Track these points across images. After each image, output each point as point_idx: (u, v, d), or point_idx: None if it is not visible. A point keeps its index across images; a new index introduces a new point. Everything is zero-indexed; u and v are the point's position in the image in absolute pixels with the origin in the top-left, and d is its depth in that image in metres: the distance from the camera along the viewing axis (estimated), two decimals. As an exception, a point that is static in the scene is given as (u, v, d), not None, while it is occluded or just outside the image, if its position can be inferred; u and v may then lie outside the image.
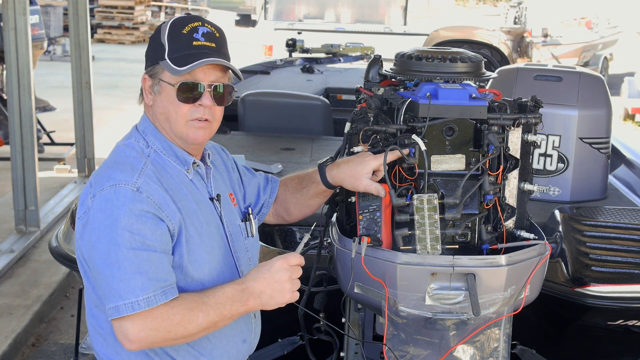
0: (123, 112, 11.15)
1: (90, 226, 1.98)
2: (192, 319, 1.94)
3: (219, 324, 2.01)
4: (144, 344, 1.96)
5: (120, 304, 1.91)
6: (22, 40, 5.91)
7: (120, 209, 1.95)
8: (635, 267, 3.07)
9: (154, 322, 1.92)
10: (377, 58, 2.55)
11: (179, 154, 2.13)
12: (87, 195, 2.03)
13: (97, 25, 20.41)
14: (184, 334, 1.96)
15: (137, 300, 1.91)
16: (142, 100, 2.18)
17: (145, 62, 2.14)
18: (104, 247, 1.94)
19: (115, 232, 1.93)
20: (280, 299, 2.03)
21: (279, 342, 3.03)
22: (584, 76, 3.76)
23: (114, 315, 1.93)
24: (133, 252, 1.93)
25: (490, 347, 2.26)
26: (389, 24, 11.09)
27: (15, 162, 6.07)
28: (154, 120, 2.15)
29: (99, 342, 2.13)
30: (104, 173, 2.04)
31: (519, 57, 16.04)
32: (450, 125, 2.24)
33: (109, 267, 1.93)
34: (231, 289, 2.01)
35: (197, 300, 1.97)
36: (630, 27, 18.28)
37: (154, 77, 2.11)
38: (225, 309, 1.98)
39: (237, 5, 27.70)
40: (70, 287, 5.58)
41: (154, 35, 2.14)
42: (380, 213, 2.21)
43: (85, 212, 2.01)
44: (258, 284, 2.01)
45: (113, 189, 1.97)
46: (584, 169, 3.67)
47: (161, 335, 1.94)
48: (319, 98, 5.34)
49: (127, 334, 1.93)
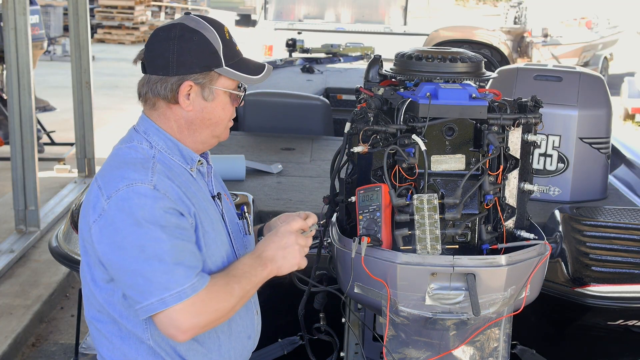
0: (123, 112, 11.15)
1: (111, 228, 1.95)
2: (230, 291, 1.98)
3: (251, 292, 2.06)
4: (196, 330, 1.96)
5: (166, 295, 1.90)
6: (22, 40, 5.91)
7: (143, 206, 1.93)
8: (635, 267, 3.07)
9: (201, 305, 1.93)
10: (377, 58, 2.55)
11: (184, 152, 2.13)
12: (98, 199, 1.98)
13: (97, 25, 20.41)
14: (227, 309, 1.99)
15: (184, 289, 1.91)
16: (149, 103, 2.13)
17: (183, 68, 2.05)
18: (135, 244, 1.92)
19: (144, 228, 1.92)
20: (293, 260, 2.10)
21: (279, 342, 3.03)
22: (584, 76, 3.76)
23: (159, 309, 1.91)
24: (169, 244, 1.93)
25: (490, 347, 2.26)
26: (389, 24, 11.08)
27: (15, 162, 6.07)
28: (174, 123, 2.11)
29: (104, 346, 2.12)
30: (113, 174, 2.01)
31: (519, 57, 16.04)
32: (450, 125, 2.24)
33: (147, 262, 1.91)
34: (248, 259, 2.07)
35: (226, 276, 2.01)
36: (630, 27, 18.27)
37: (203, 85, 2.08)
38: (251, 276, 2.03)
39: (237, 5, 27.70)
40: (70, 287, 5.58)
41: (194, 41, 2.05)
42: (380, 213, 2.21)
43: (100, 215, 1.96)
44: (269, 250, 2.08)
45: (130, 188, 1.95)
46: (584, 169, 3.67)
47: (210, 316, 1.96)
48: (319, 98, 5.34)
49: (179, 324, 1.92)
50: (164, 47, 2.07)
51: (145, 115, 2.15)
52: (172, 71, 2.05)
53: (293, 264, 2.10)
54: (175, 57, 2.05)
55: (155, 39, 2.10)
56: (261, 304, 2.39)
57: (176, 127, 2.11)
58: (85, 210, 2.04)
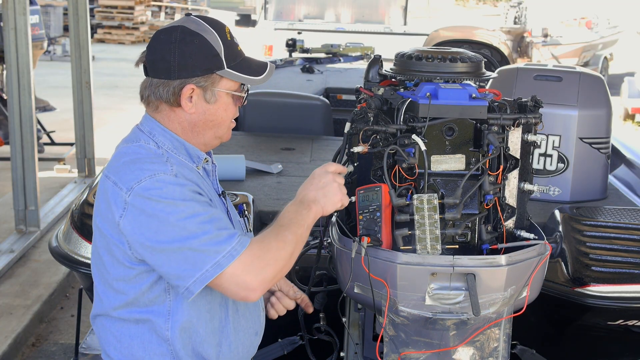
0: (123, 112, 11.15)
1: (142, 217, 1.96)
2: (283, 240, 2.02)
3: (304, 235, 2.08)
4: (265, 284, 1.99)
5: (219, 258, 1.94)
6: (22, 40, 5.91)
7: (172, 191, 1.96)
8: (635, 267, 3.07)
9: (259, 260, 1.97)
10: (377, 58, 2.55)
11: (191, 151, 2.14)
12: (117, 194, 1.99)
13: (97, 25, 20.41)
14: (285, 257, 2.01)
15: (233, 247, 1.95)
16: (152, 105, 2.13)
17: (185, 71, 2.06)
18: (174, 223, 1.94)
19: (179, 206, 1.95)
20: (334, 198, 2.13)
21: (279, 342, 3.03)
22: (584, 76, 3.76)
23: (215, 273, 1.94)
24: (207, 214, 1.97)
25: (490, 347, 2.26)
26: (389, 24, 11.08)
27: (15, 162, 6.07)
28: (177, 125, 2.12)
29: (112, 345, 2.14)
30: (129, 168, 2.01)
31: (519, 57, 16.04)
32: (450, 125, 2.24)
33: (192, 235, 1.94)
34: (291, 206, 2.11)
35: (275, 228, 2.05)
36: (630, 27, 18.27)
37: (205, 88, 2.09)
38: (299, 220, 2.07)
39: (237, 5, 27.70)
40: (70, 287, 5.58)
41: (195, 44, 2.06)
42: (380, 213, 2.21)
43: (125, 209, 1.98)
44: (309, 192, 2.13)
45: (153, 178, 1.97)
46: (584, 169, 3.67)
47: (272, 268, 1.98)
48: (319, 98, 5.34)
49: (247, 284, 1.96)
50: (165, 51, 2.08)
51: (149, 116, 2.16)
52: (174, 75, 2.07)
53: (335, 201, 2.13)
54: (177, 60, 2.06)
55: (157, 42, 2.11)
56: (261, 304, 2.40)
57: (180, 128, 2.13)
58: (102, 210, 2.05)
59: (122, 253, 2.03)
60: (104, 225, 2.05)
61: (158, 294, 2.06)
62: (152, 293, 2.06)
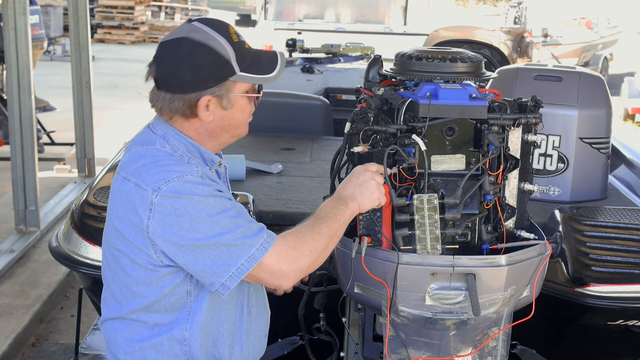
0: (123, 112, 11.14)
1: (172, 216, 1.97)
2: (318, 232, 2.05)
3: (339, 230, 2.11)
4: (298, 273, 2.04)
5: (253, 251, 1.98)
6: (22, 40, 5.91)
7: (201, 190, 1.99)
8: (635, 267, 3.07)
9: (294, 249, 2.02)
10: (377, 58, 2.55)
11: (205, 155, 2.15)
12: (142, 195, 1.99)
13: (97, 25, 20.40)
14: (320, 248, 2.05)
15: (265, 239, 2.00)
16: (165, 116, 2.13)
17: (199, 84, 2.06)
18: (206, 220, 1.96)
19: (208, 204, 1.98)
20: (372, 196, 2.14)
21: (279, 342, 3.03)
22: (584, 76, 3.75)
23: (251, 265, 1.97)
24: (236, 210, 2.03)
25: (488, 346, 2.26)
26: (389, 24, 11.07)
27: (15, 162, 6.07)
28: (192, 132, 2.13)
29: (121, 349, 2.14)
30: (153, 170, 2.01)
31: (519, 57, 16.05)
32: (450, 125, 2.24)
33: (224, 230, 1.97)
34: (329, 202, 2.14)
35: (311, 221, 2.09)
36: (630, 27, 18.28)
37: (221, 96, 2.10)
38: (335, 215, 2.10)
39: (237, 5, 27.71)
40: (70, 287, 5.58)
41: (204, 56, 2.05)
42: (380, 213, 2.21)
43: (151, 210, 1.98)
44: (347, 189, 2.16)
45: (181, 179, 1.99)
46: (584, 169, 3.67)
47: (306, 259, 2.03)
48: (319, 98, 5.34)
49: (281, 272, 2.01)
50: (175, 67, 2.07)
51: (163, 121, 2.15)
52: (188, 89, 2.07)
53: (373, 199, 2.15)
54: (189, 75, 2.06)
55: (164, 57, 2.09)
56: (261, 303, 2.40)
57: (195, 134, 2.14)
58: (122, 213, 2.04)
59: (146, 256, 2.03)
60: (124, 228, 2.04)
61: (180, 296, 2.08)
62: (174, 296, 2.08)
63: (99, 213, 3.38)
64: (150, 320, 2.10)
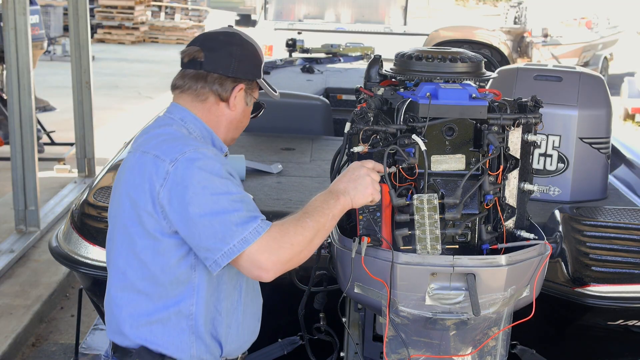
0: (123, 112, 11.14)
1: (182, 186, 2.05)
2: (302, 225, 2.06)
3: (327, 225, 2.11)
4: (278, 267, 2.04)
5: (246, 234, 2.01)
6: (22, 40, 5.91)
7: (213, 165, 2.07)
8: (635, 267, 3.07)
9: (275, 242, 2.03)
10: (377, 58, 2.55)
11: (216, 142, 2.28)
12: (159, 165, 2.08)
13: (97, 25, 20.40)
14: (303, 242, 2.06)
15: (259, 224, 2.03)
16: (201, 96, 2.25)
17: (240, 72, 2.25)
18: (209, 195, 2.03)
19: (215, 182, 2.05)
20: (365, 191, 2.15)
21: (279, 342, 3.03)
22: (584, 76, 3.75)
23: (242, 248, 2.01)
24: (239, 195, 2.08)
25: (488, 346, 2.26)
26: (389, 24, 11.07)
27: (15, 162, 6.07)
28: (215, 118, 2.26)
29: (127, 323, 2.19)
30: (172, 144, 2.12)
31: (519, 57, 16.05)
32: (450, 125, 2.24)
33: (223, 211, 2.03)
34: (320, 196, 2.16)
35: (299, 213, 2.11)
36: (630, 27, 18.27)
37: (248, 91, 2.30)
38: (324, 209, 2.11)
39: (237, 5, 27.72)
40: (70, 287, 5.58)
41: (250, 51, 2.29)
42: (380, 213, 2.21)
43: (165, 179, 2.07)
44: (341, 184, 2.17)
45: (197, 151, 2.09)
46: (584, 169, 3.67)
47: (288, 251, 2.04)
48: (319, 98, 5.33)
49: (260, 264, 2.02)
50: (228, 50, 2.25)
51: (179, 104, 2.27)
52: (231, 72, 2.24)
53: (366, 195, 2.15)
54: (237, 61, 2.25)
55: (216, 41, 2.27)
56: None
57: (215, 121, 2.27)
58: (137, 182, 2.12)
59: (155, 223, 2.10)
60: (138, 195, 2.11)
61: (184, 269, 2.13)
62: (179, 268, 2.13)
63: (99, 213, 3.38)
64: (155, 293, 2.15)
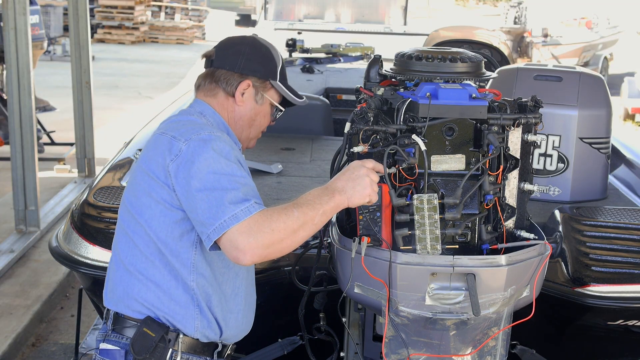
0: (123, 112, 11.14)
1: (189, 160, 2.14)
2: (287, 214, 2.08)
3: (316, 219, 2.12)
4: (256, 251, 2.05)
5: (237, 211, 2.06)
6: (22, 40, 5.91)
7: (223, 147, 2.17)
8: (635, 267, 3.07)
9: (255, 225, 2.05)
10: (377, 58, 2.55)
11: (232, 137, 2.38)
12: (174, 143, 2.18)
13: (97, 25, 20.40)
14: (286, 230, 2.06)
15: (251, 203, 2.08)
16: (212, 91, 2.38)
17: (247, 69, 2.38)
18: (211, 171, 2.11)
19: (221, 162, 2.13)
20: (363, 191, 2.15)
21: (279, 342, 3.03)
22: (584, 76, 3.75)
23: (231, 224, 2.05)
24: (243, 180, 2.14)
25: (488, 345, 2.26)
26: (389, 24, 11.06)
27: (15, 162, 6.07)
28: (227, 114, 2.39)
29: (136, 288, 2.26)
30: (189, 127, 2.23)
31: (519, 57, 16.05)
32: (450, 125, 2.24)
33: (221, 188, 2.09)
34: (315, 190, 2.17)
35: (288, 203, 2.13)
36: (630, 27, 18.27)
37: (257, 89, 2.41)
38: (315, 204, 2.12)
39: (237, 5, 27.70)
40: (70, 287, 5.58)
41: (261, 52, 2.42)
42: (380, 213, 2.21)
43: (177, 155, 2.17)
44: (339, 181, 2.18)
45: (211, 134, 2.20)
46: (584, 169, 3.67)
47: (267, 236, 2.05)
48: (319, 98, 5.33)
49: (237, 244, 2.05)
50: (236, 48, 2.41)
51: (201, 100, 2.41)
52: (238, 68, 2.39)
53: (364, 195, 2.15)
54: (244, 58, 2.39)
55: (229, 42, 2.45)
56: (261, 303, 2.41)
57: (228, 117, 2.40)
58: (152, 156, 2.23)
59: (166, 194, 2.19)
60: (151, 167, 2.22)
61: (186, 245, 2.22)
62: (182, 242, 2.22)
63: (99, 213, 3.38)
64: (160, 261, 2.23)
